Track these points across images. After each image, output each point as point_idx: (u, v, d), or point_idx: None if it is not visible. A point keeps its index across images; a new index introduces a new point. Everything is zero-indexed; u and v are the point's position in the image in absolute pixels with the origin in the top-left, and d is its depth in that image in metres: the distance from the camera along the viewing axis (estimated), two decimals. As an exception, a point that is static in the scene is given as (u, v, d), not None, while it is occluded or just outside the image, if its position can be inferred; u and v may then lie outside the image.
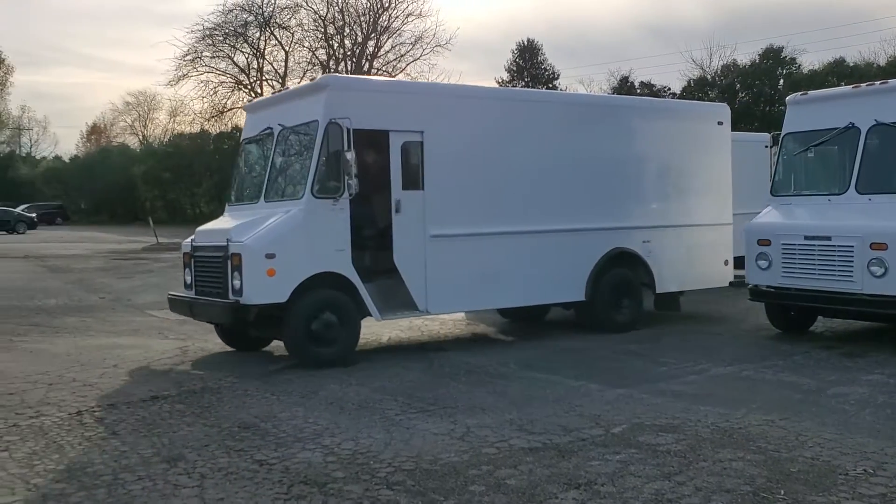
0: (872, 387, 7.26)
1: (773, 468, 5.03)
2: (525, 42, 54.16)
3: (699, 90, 43.64)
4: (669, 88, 46.18)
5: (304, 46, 44.93)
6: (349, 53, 44.79)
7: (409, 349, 9.77)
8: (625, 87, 46.21)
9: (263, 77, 44.55)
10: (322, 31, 44.44)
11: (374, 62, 44.44)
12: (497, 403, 6.81)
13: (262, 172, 9.62)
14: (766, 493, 4.61)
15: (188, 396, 7.26)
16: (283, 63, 44.69)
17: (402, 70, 44.06)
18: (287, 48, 44.41)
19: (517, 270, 9.80)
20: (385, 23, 44.21)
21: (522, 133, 10.01)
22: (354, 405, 6.83)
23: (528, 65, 53.82)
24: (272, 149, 9.45)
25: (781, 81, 41.95)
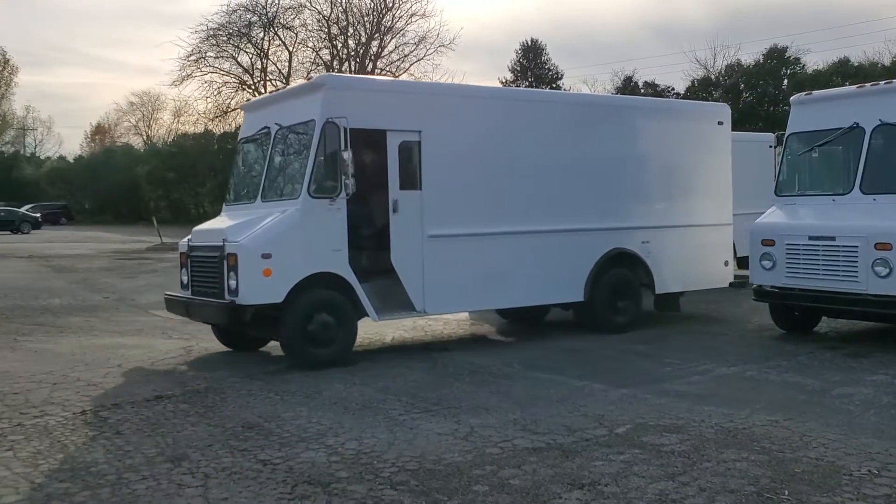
0: (877, 387, 7.25)
1: (778, 469, 5.03)
2: (529, 42, 54.32)
3: (703, 90, 43.61)
4: (673, 88, 46.21)
5: (308, 47, 44.91)
6: (353, 54, 44.76)
7: (413, 349, 9.77)
8: (629, 87, 46.24)
9: (267, 77, 44.52)
10: (326, 32, 44.40)
11: (378, 62, 44.41)
12: (501, 403, 6.81)
13: (260, 172, 9.60)
14: (771, 494, 4.60)
15: (192, 396, 7.27)
16: (287, 63, 44.66)
17: (406, 70, 44.04)
18: (291, 48, 44.37)
19: (515, 271, 9.77)
20: (389, 23, 44.20)
21: (519, 133, 9.98)
22: (358, 405, 6.83)
23: (532, 65, 53.85)
24: (269, 148, 9.43)
25: (785, 81, 41.91)
